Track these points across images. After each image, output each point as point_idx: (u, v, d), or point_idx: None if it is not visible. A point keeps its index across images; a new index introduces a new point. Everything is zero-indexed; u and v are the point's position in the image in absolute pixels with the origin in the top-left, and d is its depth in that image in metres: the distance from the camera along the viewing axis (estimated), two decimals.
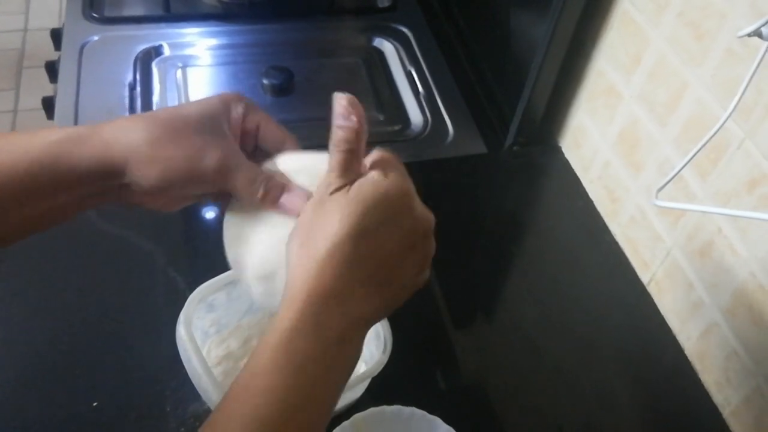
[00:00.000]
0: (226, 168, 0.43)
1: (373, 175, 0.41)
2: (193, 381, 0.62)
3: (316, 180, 0.44)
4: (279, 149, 0.48)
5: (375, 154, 0.43)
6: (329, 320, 0.39)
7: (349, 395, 0.63)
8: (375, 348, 0.63)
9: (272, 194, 0.44)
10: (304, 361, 0.38)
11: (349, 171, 0.41)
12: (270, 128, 0.48)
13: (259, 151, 0.48)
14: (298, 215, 0.43)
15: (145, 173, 0.42)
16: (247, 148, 0.48)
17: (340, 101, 0.41)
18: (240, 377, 0.39)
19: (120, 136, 0.42)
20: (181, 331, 0.58)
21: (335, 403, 0.41)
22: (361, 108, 0.42)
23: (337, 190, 0.41)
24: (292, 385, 0.37)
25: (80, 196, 0.43)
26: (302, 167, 0.46)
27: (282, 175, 0.45)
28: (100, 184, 0.43)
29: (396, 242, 0.41)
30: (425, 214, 0.43)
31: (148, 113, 0.45)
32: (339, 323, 0.39)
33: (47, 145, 0.41)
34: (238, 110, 0.46)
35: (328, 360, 0.39)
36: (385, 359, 0.60)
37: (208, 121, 0.44)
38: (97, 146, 0.42)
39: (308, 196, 0.44)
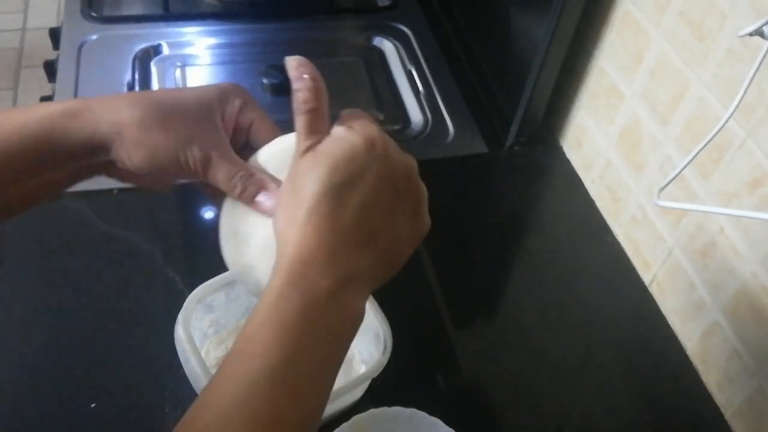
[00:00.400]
0: (208, 161, 0.44)
1: (337, 129, 0.41)
2: (192, 382, 0.62)
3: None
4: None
5: (342, 114, 0.43)
6: (314, 280, 0.38)
7: (350, 397, 0.63)
8: (375, 349, 0.62)
9: (249, 192, 0.44)
10: (293, 322, 0.37)
11: (315, 132, 0.41)
12: (263, 127, 0.48)
13: (249, 148, 0.48)
14: (270, 216, 0.43)
15: (130, 155, 0.42)
16: (237, 143, 0.47)
17: (291, 63, 0.41)
18: (234, 345, 0.38)
19: (110, 114, 0.42)
20: (179, 331, 0.58)
21: (335, 368, 0.40)
22: (313, 67, 0.42)
23: (305, 152, 0.40)
24: (284, 345, 0.37)
25: (71, 170, 0.43)
26: (281, 150, 0.46)
27: (264, 171, 0.45)
28: (88, 160, 0.43)
29: (375, 192, 0.40)
30: (403, 159, 0.42)
31: (144, 93, 0.45)
32: (324, 282, 0.38)
33: (41, 120, 0.41)
34: (234, 105, 0.46)
35: (319, 319, 0.38)
36: (385, 360, 0.60)
37: (202, 111, 0.44)
38: (88, 123, 0.42)
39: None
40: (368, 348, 0.64)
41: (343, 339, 0.40)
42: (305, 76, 0.41)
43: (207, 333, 0.66)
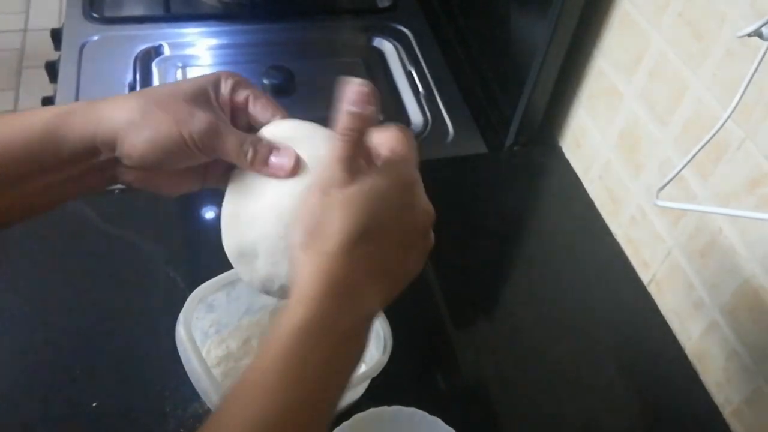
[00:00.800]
0: (215, 131, 0.43)
1: (383, 167, 0.41)
2: (193, 381, 0.62)
3: (302, 147, 0.44)
4: (269, 122, 0.48)
5: (388, 133, 0.43)
6: (338, 318, 0.38)
7: (349, 396, 0.63)
8: (375, 348, 0.63)
9: (261, 154, 0.44)
10: (312, 361, 0.38)
11: (356, 161, 0.40)
12: (259, 102, 0.47)
13: (252, 130, 0.48)
14: (287, 175, 0.43)
15: (134, 144, 0.42)
16: (239, 124, 0.47)
17: (359, 87, 0.40)
18: (247, 374, 0.38)
19: (111, 110, 0.43)
20: (180, 331, 0.58)
21: (340, 399, 0.40)
22: (374, 93, 0.40)
23: (344, 181, 0.40)
24: (298, 384, 0.37)
25: (76, 172, 0.43)
26: (289, 135, 0.46)
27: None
28: (93, 160, 0.43)
29: (401, 236, 0.41)
30: (428, 209, 0.43)
31: (142, 89, 0.45)
32: (347, 320, 0.39)
33: (44, 120, 0.42)
34: (227, 84, 0.46)
35: (335, 358, 0.39)
36: (385, 360, 0.60)
37: (197, 93, 0.44)
38: (90, 120, 0.42)
39: (296, 155, 0.44)
40: (368, 347, 0.65)
41: (352, 372, 0.41)
42: (370, 107, 0.40)
43: (208, 332, 0.67)
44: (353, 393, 0.63)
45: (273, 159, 0.44)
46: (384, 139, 0.43)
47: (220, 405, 0.38)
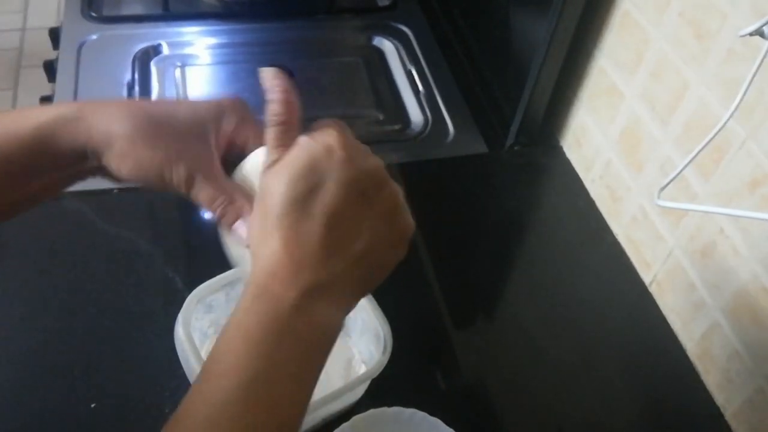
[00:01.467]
0: (193, 181, 0.44)
1: (299, 139, 0.40)
2: (192, 382, 0.62)
3: None
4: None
5: (314, 125, 0.42)
6: (278, 293, 0.38)
7: (350, 396, 0.63)
8: (375, 349, 0.62)
9: (228, 218, 0.45)
10: (258, 338, 0.37)
11: (284, 145, 0.40)
12: (257, 145, 0.47)
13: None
14: (246, 246, 0.44)
15: (119, 166, 0.43)
16: (231, 159, 0.48)
17: (264, 74, 0.41)
18: (204, 364, 0.38)
19: (103, 124, 0.43)
20: (179, 331, 0.58)
21: (311, 380, 0.39)
22: (287, 79, 0.41)
23: (272, 164, 0.40)
24: (250, 362, 0.37)
25: (64, 175, 0.44)
26: (261, 162, 0.46)
27: (245, 183, 0.46)
28: (81, 166, 0.44)
29: (339, 200, 0.39)
30: (368, 162, 0.40)
31: (140, 104, 0.46)
32: (289, 295, 0.37)
33: (36, 126, 0.42)
34: (230, 122, 0.46)
35: (286, 332, 0.37)
36: (385, 360, 0.60)
37: (194, 128, 0.45)
38: (81, 132, 0.42)
39: None
40: (368, 348, 0.64)
41: (316, 351, 0.39)
42: (278, 88, 0.41)
43: (207, 333, 0.67)
44: (353, 394, 0.63)
45: (236, 226, 0.45)
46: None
47: (186, 395, 0.37)
